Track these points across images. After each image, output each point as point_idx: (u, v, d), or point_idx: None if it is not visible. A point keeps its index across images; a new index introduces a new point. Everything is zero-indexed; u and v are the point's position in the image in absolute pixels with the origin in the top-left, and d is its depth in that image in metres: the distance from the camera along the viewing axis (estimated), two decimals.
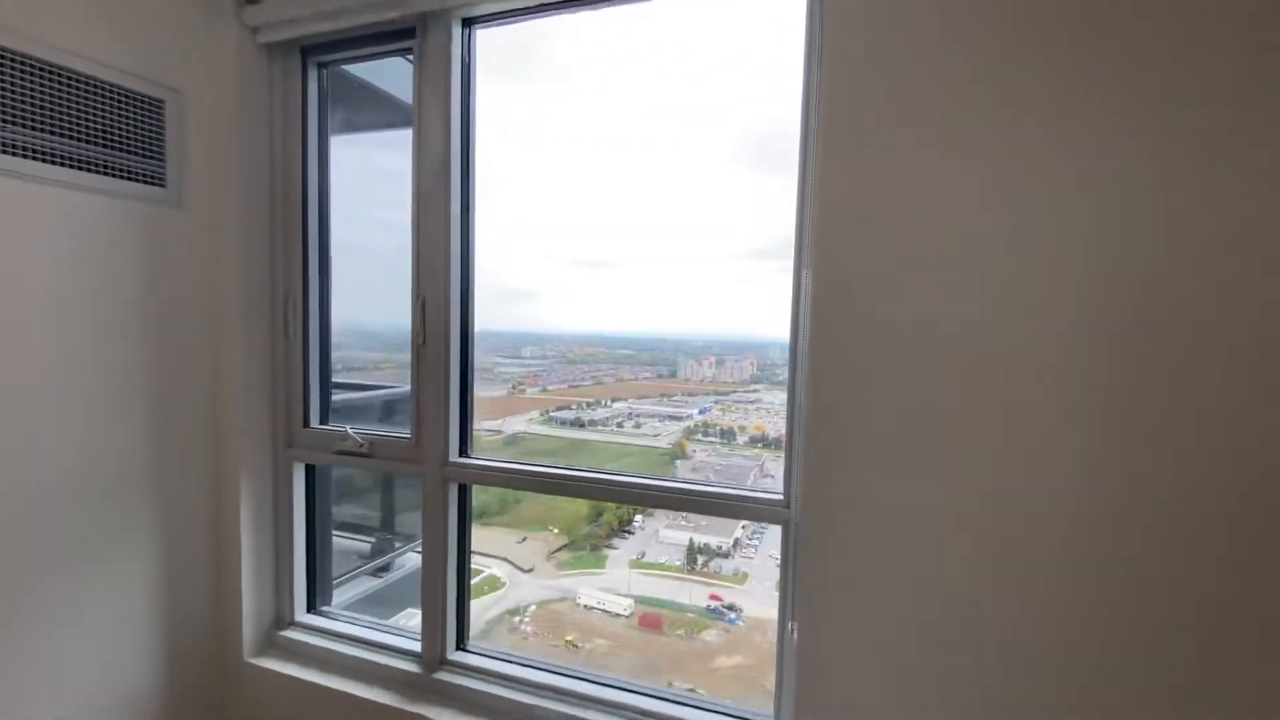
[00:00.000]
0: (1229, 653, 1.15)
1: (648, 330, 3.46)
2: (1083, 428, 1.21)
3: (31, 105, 1.59)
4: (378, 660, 1.97)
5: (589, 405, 3.59)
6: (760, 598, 3.40)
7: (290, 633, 2.09)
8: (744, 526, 3.36)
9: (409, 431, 1.95)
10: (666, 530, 3.66)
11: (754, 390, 3.28)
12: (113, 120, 1.75)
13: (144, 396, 1.85)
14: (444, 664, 1.93)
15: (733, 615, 3.46)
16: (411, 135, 1.89)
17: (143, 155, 1.82)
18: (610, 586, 3.69)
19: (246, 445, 2.01)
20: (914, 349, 1.30)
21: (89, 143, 1.70)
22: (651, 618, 3.59)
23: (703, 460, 3.42)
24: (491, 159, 2.00)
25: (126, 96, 1.77)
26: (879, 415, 1.34)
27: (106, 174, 1.74)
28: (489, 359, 3.50)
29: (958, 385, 1.28)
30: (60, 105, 1.64)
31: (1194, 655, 1.17)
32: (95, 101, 1.71)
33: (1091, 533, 1.21)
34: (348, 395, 2.63)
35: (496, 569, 3.86)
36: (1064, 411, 1.22)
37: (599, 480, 1.79)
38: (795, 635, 1.50)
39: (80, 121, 1.68)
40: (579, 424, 3.58)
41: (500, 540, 3.94)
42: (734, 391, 3.34)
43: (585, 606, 3.69)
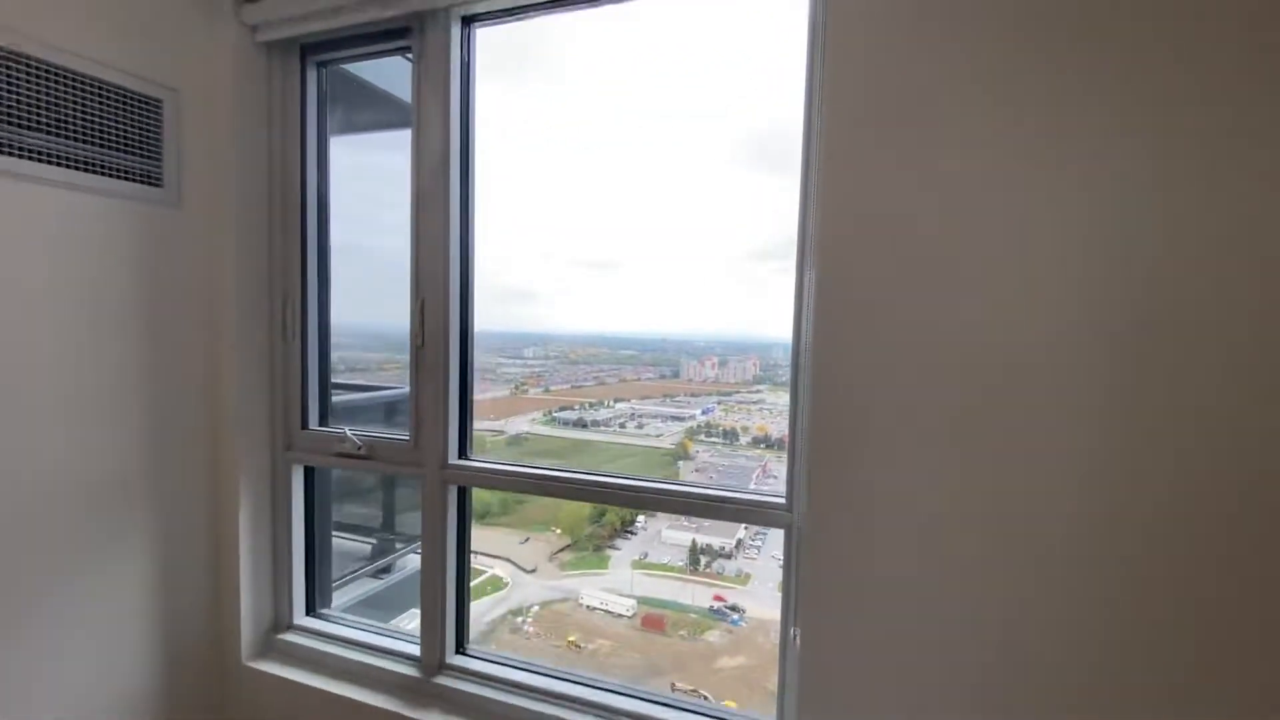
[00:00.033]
0: (1229, 653, 1.14)
1: (650, 331, 3.44)
2: (1084, 428, 1.19)
3: (28, 105, 1.56)
4: (377, 664, 1.94)
5: (591, 406, 3.57)
6: (763, 598, 3.38)
7: (289, 636, 2.06)
8: (747, 527, 3.32)
9: (408, 433, 1.92)
10: (669, 531, 3.64)
11: (757, 391, 3.26)
12: (110, 120, 1.72)
13: (141, 398, 1.82)
14: (443, 668, 1.89)
15: (736, 616, 3.44)
16: (410, 135, 1.86)
17: (140, 155, 1.79)
18: (613, 587, 3.68)
19: (245, 447, 1.98)
20: (917, 350, 1.28)
21: (86, 142, 1.67)
22: (654, 618, 3.57)
23: (706, 461, 3.41)
24: (492, 159, 1.97)
25: (124, 96, 1.74)
26: (882, 417, 1.32)
27: (103, 174, 1.71)
28: (491, 360, 3.48)
29: (960, 386, 1.26)
30: (57, 105, 1.61)
31: (1194, 655, 1.16)
32: (92, 101, 1.68)
33: (1093, 533, 1.20)
34: (350, 396, 2.61)
35: (499, 569, 3.85)
36: (1066, 411, 1.20)
37: (600, 483, 1.75)
38: (798, 642, 1.47)
39: (77, 121, 1.65)
40: (581, 424, 3.56)
41: (503, 540, 3.93)
42: (737, 392, 3.33)
43: (588, 607, 3.68)
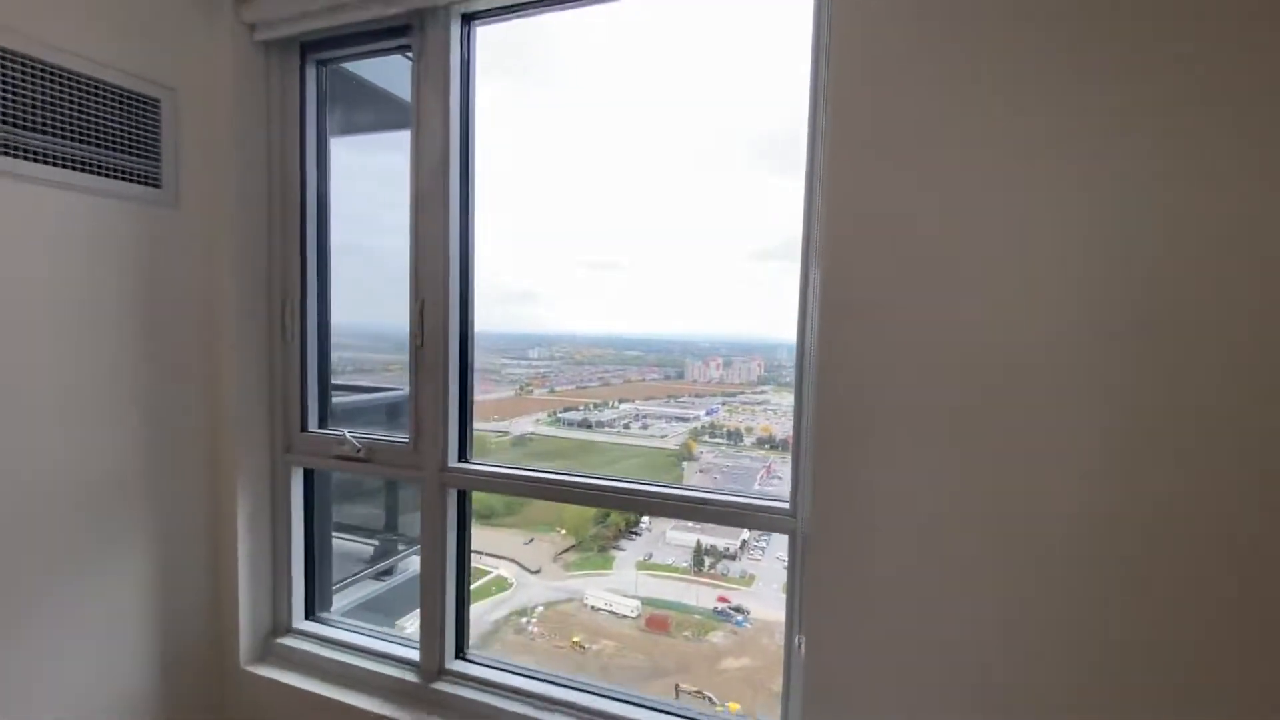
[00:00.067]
0: (1229, 653, 1.12)
1: (655, 331, 3.40)
2: (1086, 428, 1.17)
3: (24, 104, 1.53)
4: (376, 669, 1.89)
5: (596, 406, 3.54)
6: (767, 599, 3.35)
7: (288, 640, 2.02)
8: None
9: (408, 436, 1.88)
10: (673, 532, 3.63)
11: (761, 392, 3.24)
12: (107, 119, 1.69)
13: (139, 399, 1.78)
14: (443, 674, 1.85)
15: (740, 617, 3.41)
16: (410, 135, 1.82)
17: (138, 155, 1.76)
18: (617, 588, 3.66)
19: (244, 449, 1.94)
20: (922, 350, 1.25)
21: (83, 142, 1.64)
22: (658, 619, 3.55)
23: (710, 462, 3.38)
24: (494, 159, 1.93)
25: (121, 95, 1.71)
26: (888, 418, 1.29)
27: (101, 174, 1.68)
28: (496, 360, 3.45)
29: (964, 386, 1.23)
30: (54, 104, 1.58)
31: (1194, 655, 1.14)
32: (90, 100, 1.65)
33: (1093, 533, 1.17)
34: (353, 398, 2.58)
35: (504, 570, 3.83)
36: (1067, 412, 1.17)
37: (602, 487, 1.71)
38: (802, 650, 1.43)
39: (74, 121, 1.62)
40: (586, 425, 3.54)
41: (508, 541, 3.91)
42: (741, 393, 3.30)
43: (592, 608, 3.66)
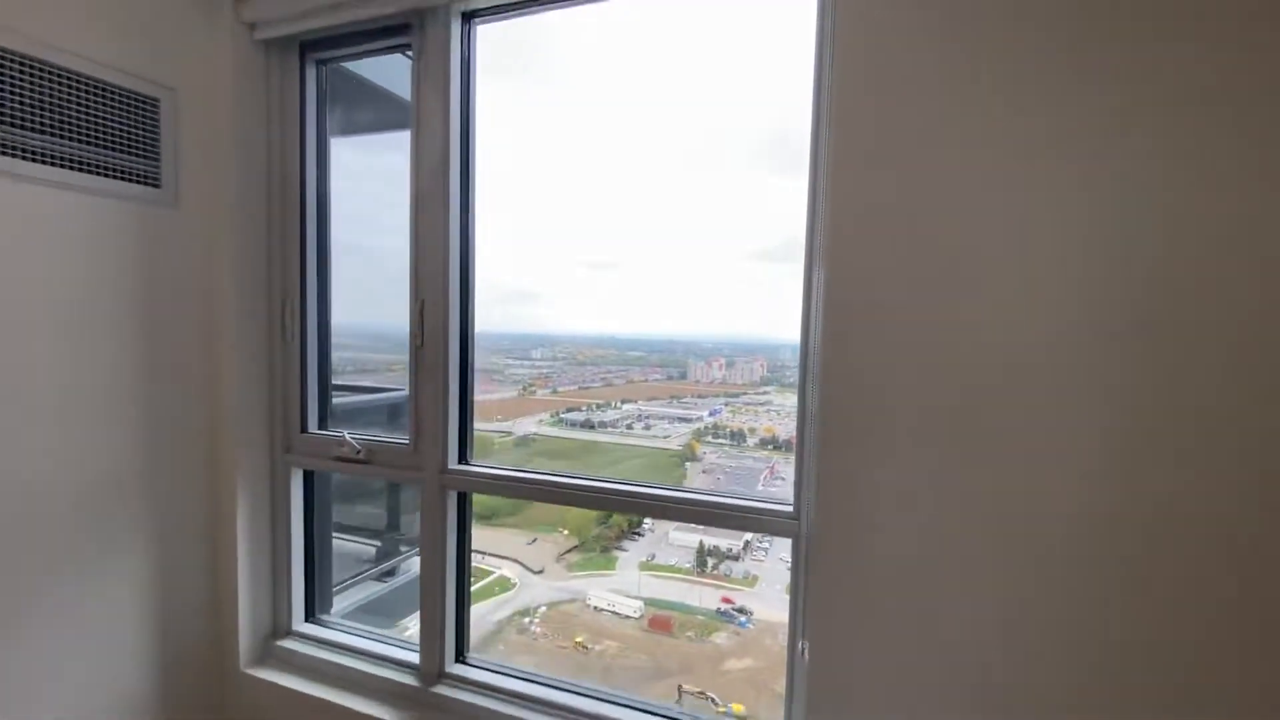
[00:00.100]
0: (1229, 653, 1.10)
1: (657, 332, 3.38)
2: (1089, 429, 1.14)
3: (22, 104, 1.51)
4: (376, 672, 1.86)
5: (599, 407, 3.51)
6: (771, 600, 3.32)
7: (288, 642, 1.99)
8: None
9: (408, 437, 1.85)
10: (676, 533, 3.60)
11: (764, 392, 3.21)
12: (106, 119, 1.66)
13: (138, 400, 1.76)
14: (442, 677, 1.82)
15: (743, 618, 3.38)
16: (410, 134, 1.79)
17: (137, 155, 1.73)
18: (620, 588, 3.63)
19: (243, 451, 1.91)
20: (926, 351, 1.23)
21: (82, 142, 1.62)
22: (661, 620, 3.53)
23: (713, 462, 3.36)
24: (496, 158, 1.90)
25: (120, 95, 1.68)
26: (891, 420, 1.26)
27: (100, 174, 1.65)
28: (499, 361, 3.43)
29: (969, 387, 1.20)
30: (52, 104, 1.56)
31: (1194, 655, 1.12)
32: (88, 100, 1.62)
33: (1097, 536, 1.15)
34: (354, 398, 2.55)
35: (507, 570, 3.80)
36: (1071, 412, 1.15)
37: (603, 489, 1.67)
38: (806, 655, 1.40)
39: (73, 120, 1.60)
40: (589, 426, 3.51)
41: (510, 541, 3.89)
42: (744, 393, 3.27)
43: (595, 608, 3.64)
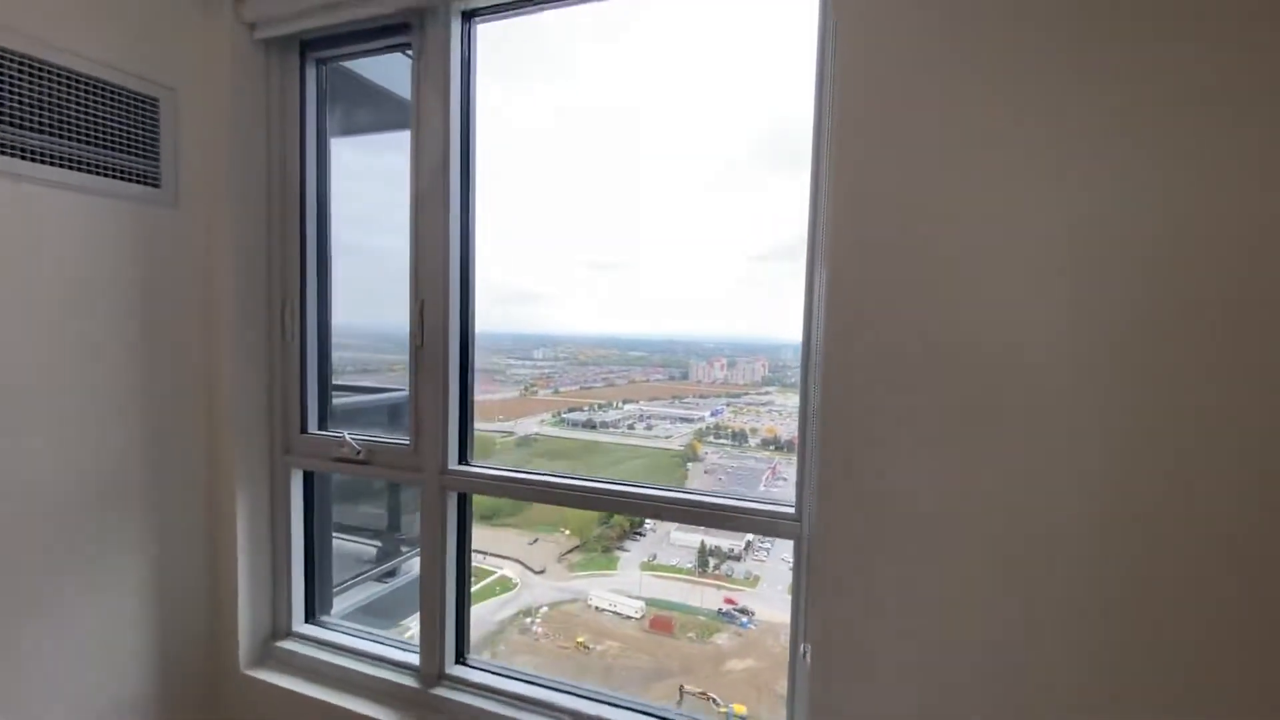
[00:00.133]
0: (1230, 653, 1.07)
1: (659, 332, 3.35)
2: (1095, 428, 1.11)
3: (21, 103, 1.48)
4: (376, 674, 1.83)
5: (601, 407, 3.49)
6: (772, 601, 3.30)
7: (287, 644, 1.96)
8: None
9: (408, 438, 1.82)
10: (678, 533, 3.58)
11: (766, 392, 3.19)
12: (105, 119, 1.64)
13: (137, 400, 1.73)
14: (442, 679, 1.79)
15: (745, 619, 3.35)
16: (410, 133, 1.77)
17: (136, 154, 1.71)
18: (621, 588, 3.61)
19: (242, 451, 1.89)
20: (931, 351, 1.19)
21: (81, 142, 1.59)
22: (663, 620, 3.50)
23: (715, 463, 3.33)
24: (497, 159, 1.88)
25: (119, 94, 1.66)
26: (895, 421, 1.22)
27: (99, 174, 1.63)
28: (501, 361, 3.41)
29: (972, 388, 1.16)
30: (51, 103, 1.53)
31: (1195, 655, 1.09)
32: (87, 100, 1.60)
33: (1103, 535, 1.12)
34: (355, 398, 2.52)
35: (509, 570, 3.78)
36: (1077, 413, 1.11)
37: (605, 491, 1.64)
38: (808, 658, 1.37)
39: (72, 120, 1.57)
40: (591, 426, 3.48)
41: (512, 541, 3.87)
42: (746, 393, 3.24)
43: (596, 608, 3.62)
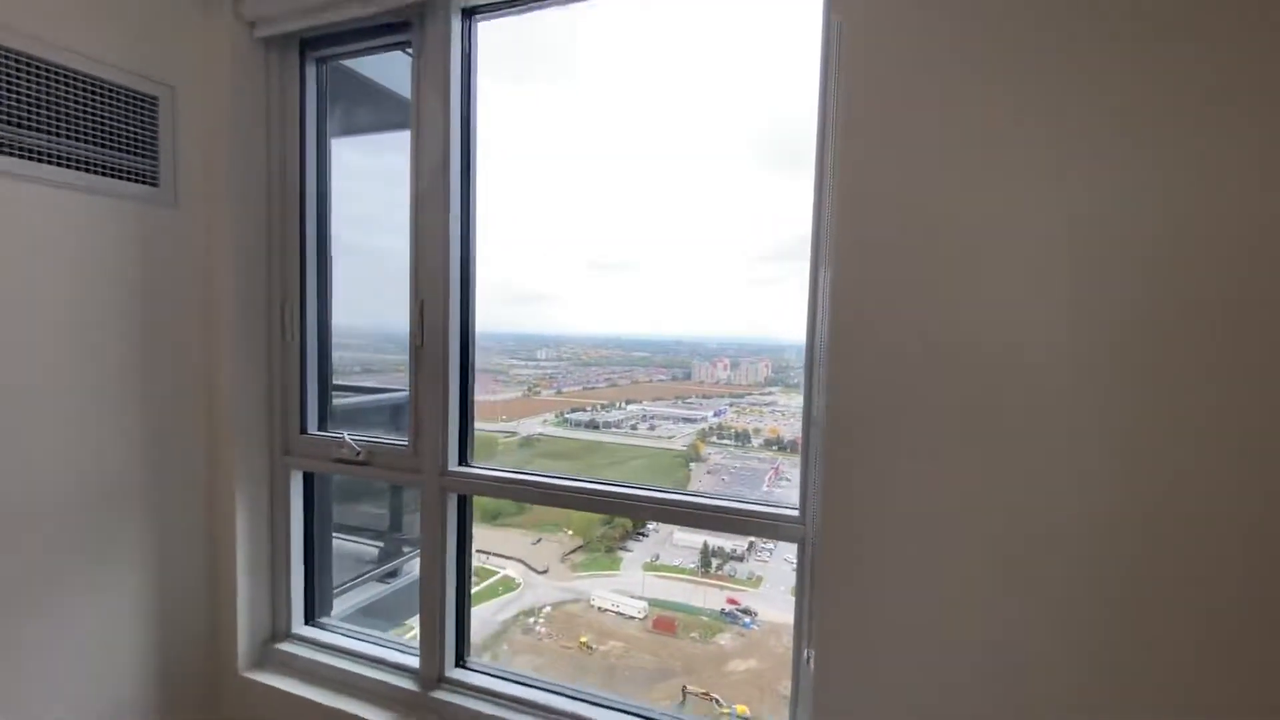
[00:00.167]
0: (1230, 653, 1.05)
1: (662, 332, 3.32)
2: (1100, 429, 1.08)
3: (20, 102, 1.46)
4: (375, 676, 1.80)
5: (603, 407, 3.46)
6: (775, 601, 3.27)
7: (287, 646, 1.93)
8: None
9: (408, 439, 1.79)
10: (681, 533, 3.54)
11: (769, 393, 3.15)
12: (104, 117, 1.61)
13: (136, 401, 1.71)
14: (442, 682, 1.76)
15: (748, 619, 3.32)
16: (410, 132, 1.74)
17: (135, 153, 1.68)
18: (624, 589, 3.58)
19: (242, 452, 1.86)
20: (935, 352, 1.16)
21: (79, 140, 1.57)
22: (665, 620, 3.48)
23: (718, 463, 3.30)
24: (499, 159, 1.85)
25: (118, 93, 1.63)
26: (898, 423, 1.20)
27: (97, 173, 1.60)
28: (504, 361, 3.38)
29: (978, 388, 1.14)
30: (49, 102, 1.51)
31: (1195, 655, 1.07)
32: (86, 98, 1.57)
33: (1110, 536, 1.09)
34: (357, 399, 2.50)
35: (512, 570, 3.76)
36: (1083, 413, 1.09)
37: (606, 493, 1.61)
38: (812, 664, 1.34)
39: (70, 118, 1.55)
40: (594, 426, 3.45)
41: (515, 541, 3.84)
42: (749, 394, 3.21)
43: (599, 609, 3.59)
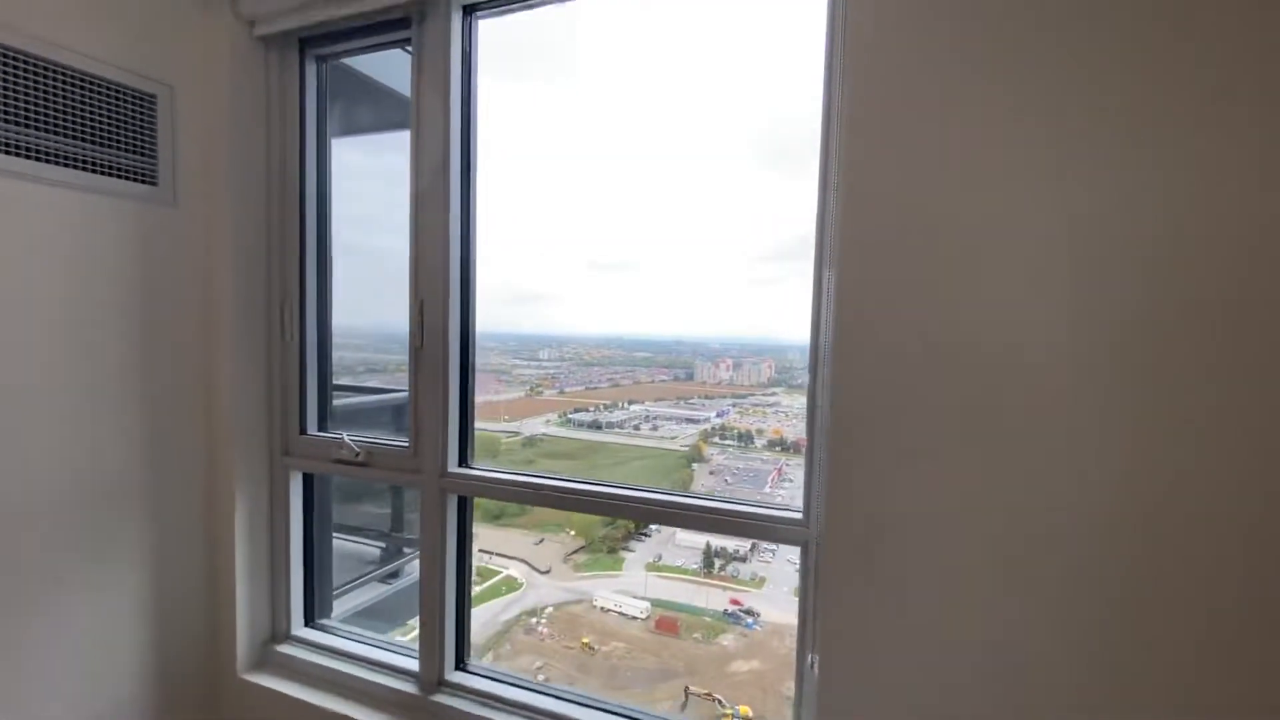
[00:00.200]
0: (1231, 652, 1.04)
1: (664, 332, 3.29)
2: (1107, 430, 1.05)
3: (17, 100, 1.43)
4: (375, 679, 1.77)
5: (606, 408, 3.43)
6: (778, 602, 3.24)
7: (286, 648, 1.90)
8: None
9: (407, 440, 1.76)
10: (683, 534, 3.51)
11: (772, 393, 3.12)
12: (102, 116, 1.58)
13: (134, 401, 1.68)
14: (442, 685, 1.72)
15: (750, 620, 3.29)
16: (410, 131, 1.71)
17: (134, 152, 1.65)
18: (627, 589, 3.55)
19: (241, 453, 1.83)
20: (940, 352, 1.14)
21: (77, 139, 1.54)
22: (668, 621, 3.45)
23: (720, 464, 3.28)
24: (500, 159, 1.82)
25: (116, 91, 1.61)
26: (904, 425, 1.17)
27: (96, 171, 1.57)
28: (507, 361, 3.35)
29: (978, 389, 1.11)
30: (47, 100, 1.48)
31: (1194, 655, 1.05)
32: (84, 96, 1.55)
33: (1117, 537, 1.06)
34: (358, 399, 2.48)
35: (514, 570, 3.74)
36: (1091, 414, 1.06)
37: (608, 495, 1.57)
38: (815, 670, 1.31)
39: (68, 117, 1.52)
40: (596, 426, 3.42)
41: (517, 541, 3.82)
42: (752, 394, 3.18)
43: (602, 609, 3.56)
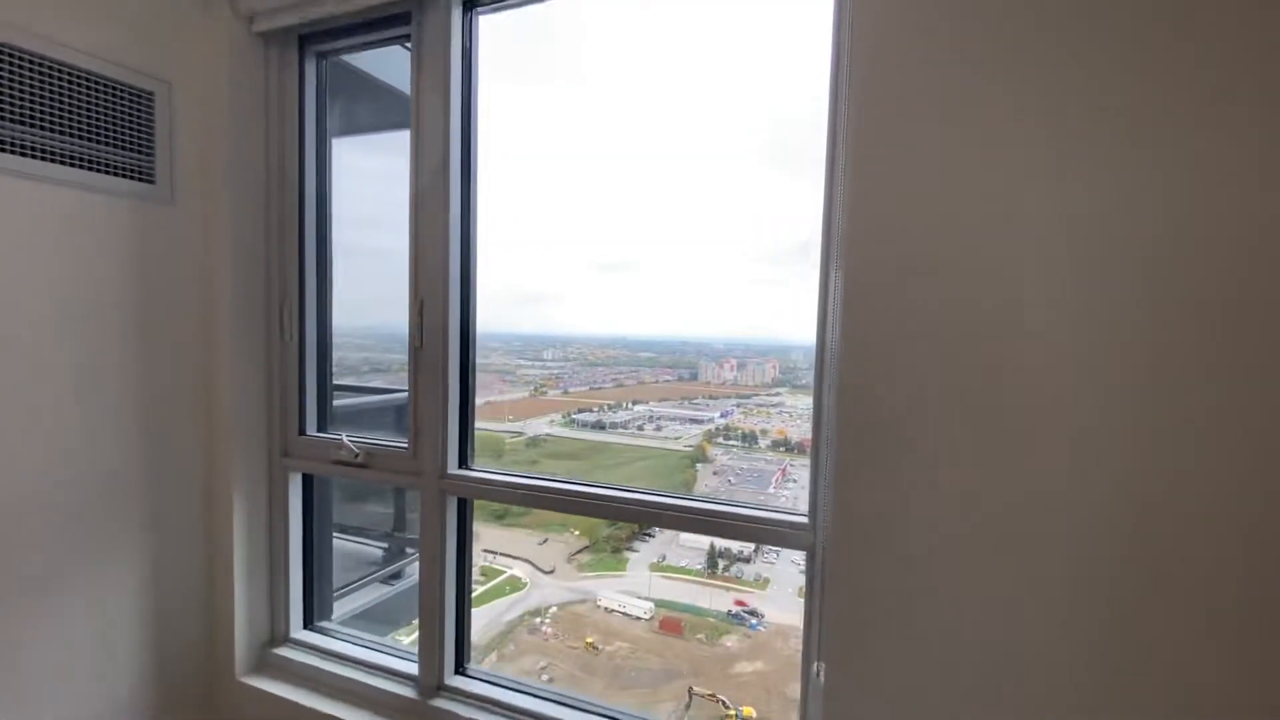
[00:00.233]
0: (1232, 652, 1.01)
1: (668, 333, 3.26)
2: (1116, 431, 1.02)
3: (13, 97, 1.40)
4: (373, 683, 1.73)
5: (610, 408, 3.40)
6: (782, 603, 3.21)
7: (285, 650, 1.86)
8: None
9: (407, 441, 1.72)
10: (687, 534, 3.47)
11: (776, 394, 3.09)
12: (99, 113, 1.55)
13: (132, 403, 1.65)
14: (441, 689, 1.68)
15: (755, 621, 3.26)
16: (410, 128, 1.68)
17: (131, 150, 1.62)
18: (631, 589, 3.53)
19: (240, 453, 1.80)
20: (940, 352, 1.10)
21: (74, 137, 1.51)
22: (672, 621, 3.42)
23: (724, 464, 3.25)
24: (502, 159, 1.78)
25: (114, 88, 1.57)
26: (908, 429, 1.13)
27: (93, 169, 1.54)
28: (511, 361, 3.32)
29: (985, 391, 1.08)
30: (44, 97, 1.45)
31: (1193, 655, 1.02)
32: (81, 94, 1.52)
33: (1125, 538, 1.03)
34: (359, 399, 2.45)
35: (518, 570, 3.71)
36: (1097, 414, 1.03)
37: (610, 497, 1.53)
38: (822, 678, 1.27)
39: (65, 115, 1.49)
40: (600, 426, 3.40)
41: (522, 541, 3.80)
42: (756, 395, 3.15)
43: (606, 609, 3.54)
